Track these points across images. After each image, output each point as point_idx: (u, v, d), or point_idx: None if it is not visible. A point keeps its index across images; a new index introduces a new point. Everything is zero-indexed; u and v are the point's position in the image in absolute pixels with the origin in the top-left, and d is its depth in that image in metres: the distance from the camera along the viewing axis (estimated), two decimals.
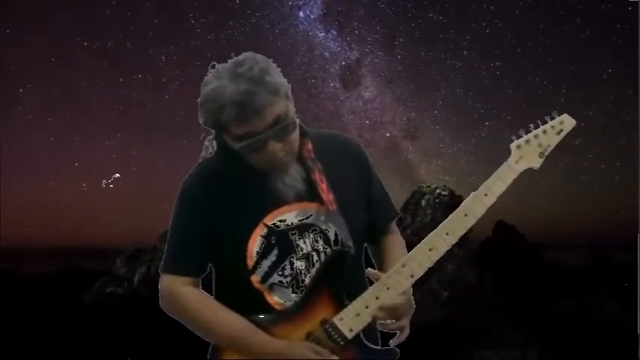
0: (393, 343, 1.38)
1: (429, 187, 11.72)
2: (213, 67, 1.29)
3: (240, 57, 1.27)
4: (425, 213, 11.17)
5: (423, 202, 11.36)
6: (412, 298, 1.39)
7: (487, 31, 18.18)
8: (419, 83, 22.83)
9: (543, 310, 9.57)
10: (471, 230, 1.38)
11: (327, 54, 21.05)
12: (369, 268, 1.41)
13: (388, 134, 22.53)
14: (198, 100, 1.29)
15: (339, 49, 21.68)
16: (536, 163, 1.37)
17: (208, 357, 1.39)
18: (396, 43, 21.66)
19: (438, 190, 11.54)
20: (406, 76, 22.61)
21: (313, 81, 21.01)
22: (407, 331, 1.39)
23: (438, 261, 1.35)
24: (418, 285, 1.39)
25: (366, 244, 1.52)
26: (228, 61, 1.28)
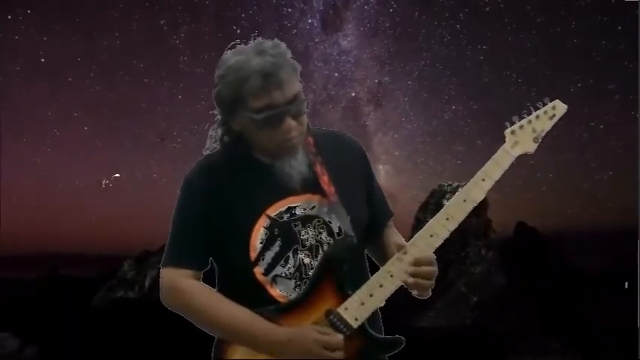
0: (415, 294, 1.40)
1: (450, 185, 11.31)
2: (232, 47, 1.34)
3: (262, 40, 1.33)
4: None
5: (445, 202, 10.98)
6: (434, 262, 1.37)
7: (487, 8, 16.08)
8: (402, 46, 19.80)
9: (574, 314, 9.33)
10: (494, 231, 1.11)
11: None
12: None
13: (354, 94, 19.68)
14: (218, 74, 1.33)
15: None
16: (531, 147, 1.41)
17: (212, 355, 1.38)
18: None
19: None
20: (392, 34, 18.66)
21: (290, 10, 17.42)
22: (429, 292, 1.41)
23: (464, 264, 1.09)
24: (445, 289, 1.15)
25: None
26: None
